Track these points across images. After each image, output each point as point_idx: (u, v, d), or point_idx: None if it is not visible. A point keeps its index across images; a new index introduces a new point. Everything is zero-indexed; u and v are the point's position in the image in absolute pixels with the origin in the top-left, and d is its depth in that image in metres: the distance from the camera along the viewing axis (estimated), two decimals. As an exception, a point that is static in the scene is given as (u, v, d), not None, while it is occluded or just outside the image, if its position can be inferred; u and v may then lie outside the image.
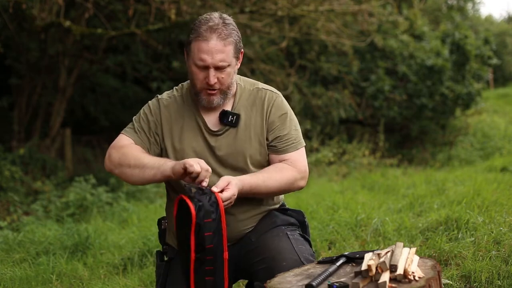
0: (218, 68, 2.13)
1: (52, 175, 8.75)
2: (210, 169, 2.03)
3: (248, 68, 9.87)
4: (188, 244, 1.92)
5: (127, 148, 2.24)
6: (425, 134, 12.86)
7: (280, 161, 2.26)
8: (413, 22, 12.62)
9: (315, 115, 11.34)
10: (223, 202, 1.96)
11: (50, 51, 9.37)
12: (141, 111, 2.34)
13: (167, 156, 2.25)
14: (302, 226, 2.36)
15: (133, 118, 2.34)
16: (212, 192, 1.96)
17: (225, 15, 2.19)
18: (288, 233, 2.23)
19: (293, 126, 2.30)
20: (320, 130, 11.14)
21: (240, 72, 2.38)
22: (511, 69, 25.02)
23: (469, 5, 23.78)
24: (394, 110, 11.87)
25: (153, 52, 11.00)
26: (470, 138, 12.45)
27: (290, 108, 2.34)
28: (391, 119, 12.02)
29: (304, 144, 2.34)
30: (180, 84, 2.39)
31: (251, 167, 2.24)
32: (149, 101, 2.35)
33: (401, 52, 12.14)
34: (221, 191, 2.00)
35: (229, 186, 2.03)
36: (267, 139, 2.26)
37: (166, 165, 2.09)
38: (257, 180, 2.14)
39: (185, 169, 1.98)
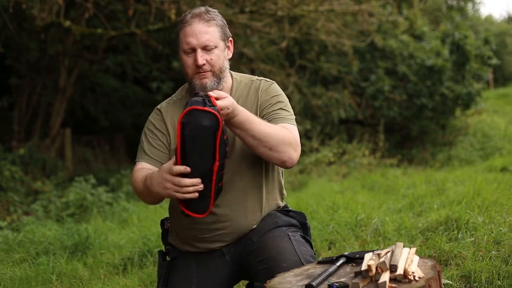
0: (205, 49, 2.16)
1: (52, 175, 8.76)
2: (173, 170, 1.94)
3: (248, 68, 9.87)
4: (211, 157, 1.90)
5: (136, 174, 2.23)
6: (425, 134, 12.86)
7: None
8: (413, 22, 12.63)
9: (315, 115, 11.35)
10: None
11: (50, 51, 9.37)
12: (145, 129, 2.33)
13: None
14: (304, 228, 2.35)
15: (141, 138, 2.34)
16: (210, 97, 1.93)
17: (210, 8, 2.25)
18: (290, 234, 2.22)
19: (285, 106, 2.25)
20: (320, 130, 11.14)
21: (240, 72, 2.38)
22: (511, 69, 25.03)
23: (469, 5, 23.79)
24: (394, 110, 11.87)
25: (153, 52, 11.01)
26: (470, 138, 12.45)
27: (284, 94, 2.31)
28: (391, 119, 12.02)
29: (296, 125, 2.25)
30: (180, 88, 2.41)
31: (247, 156, 2.23)
32: (150, 116, 2.35)
33: (401, 52, 12.14)
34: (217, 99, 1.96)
35: (226, 98, 1.96)
36: None
37: (152, 186, 2.03)
38: (253, 118, 2.06)
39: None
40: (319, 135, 10.94)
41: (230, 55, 2.28)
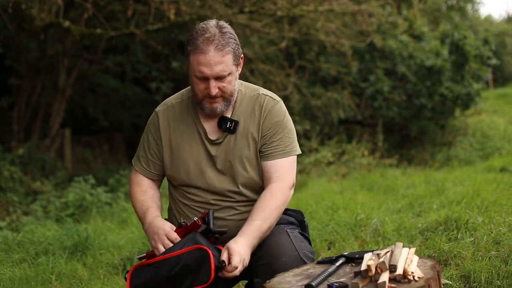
0: (218, 78, 2.14)
1: (51, 175, 8.75)
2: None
3: (247, 69, 9.86)
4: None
5: (134, 189, 2.40)
6: (424, 134, 12.86)
7: (268, 169, 2.23)
8: (412, 23, 12.62)
9: (314, 116, 11.35)
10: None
11: (49, 51, 9.37)
12: (144, 132, 2.40)
13: (163, 165, 2.33)
14: (302, 226, 2.38)
15: (140, 140, 2.42)
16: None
17: (221, 23, 2.17)
18: (288, 230, 2.24)
19: (286, 133, 2.26)
20: (320, 130, 11.14)
21: (240, 73, 2.39)
22: (510, 69, 25.04)
23: (469, 5, 23.79)
24: (394, 111, 11.87)
25: (153, 52, 11.01)
26: (470, 138, 12.44)
27: (288, 115, 2.31)
28: (390, 120, 12.02)
29: (297, 152, 2.29)
30: (179, 92, 2.40)
31: (249, 170, 2.25)
32: (149, 119, 2.39)
33: (401, 53, 12.14)
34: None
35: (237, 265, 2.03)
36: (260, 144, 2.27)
37: (146, 230, 2.27)
38: (256, 230, 2.11)
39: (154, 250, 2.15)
40: (318, 135, 10.94)
41: (240, 71, 2.25)
